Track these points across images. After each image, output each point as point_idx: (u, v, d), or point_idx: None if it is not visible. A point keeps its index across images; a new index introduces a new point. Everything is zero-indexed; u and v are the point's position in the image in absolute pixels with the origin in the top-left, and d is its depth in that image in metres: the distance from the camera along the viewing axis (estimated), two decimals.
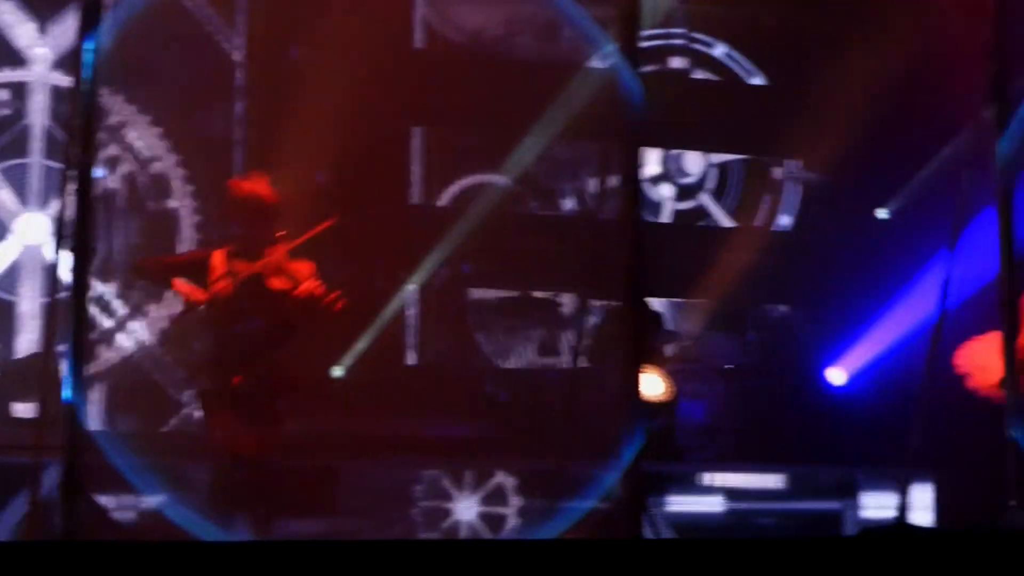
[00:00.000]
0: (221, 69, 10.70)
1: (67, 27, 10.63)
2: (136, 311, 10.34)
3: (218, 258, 7.48)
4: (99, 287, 10.15)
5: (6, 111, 10.73)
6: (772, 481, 9.53)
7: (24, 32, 10.77)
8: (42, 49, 10.79)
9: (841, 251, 12.46)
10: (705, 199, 12.76)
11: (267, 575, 4.46)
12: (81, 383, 6.21)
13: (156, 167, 10.60)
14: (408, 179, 11.35)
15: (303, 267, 7.44)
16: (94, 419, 9.79)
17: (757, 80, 12.89)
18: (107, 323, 10.28)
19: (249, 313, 7.37)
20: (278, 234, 7.49)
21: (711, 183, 12.83)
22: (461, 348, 11.35)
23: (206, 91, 10.63)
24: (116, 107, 10.42)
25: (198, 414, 8.66)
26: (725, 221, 12.74)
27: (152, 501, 7.63)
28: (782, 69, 12.77)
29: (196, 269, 7.53)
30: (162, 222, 10.56)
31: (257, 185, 7.52)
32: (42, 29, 10.81)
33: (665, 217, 12.59)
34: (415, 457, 9.02)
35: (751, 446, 10.48)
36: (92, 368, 9.85)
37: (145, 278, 8.70)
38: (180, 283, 7.46)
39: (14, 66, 10.75)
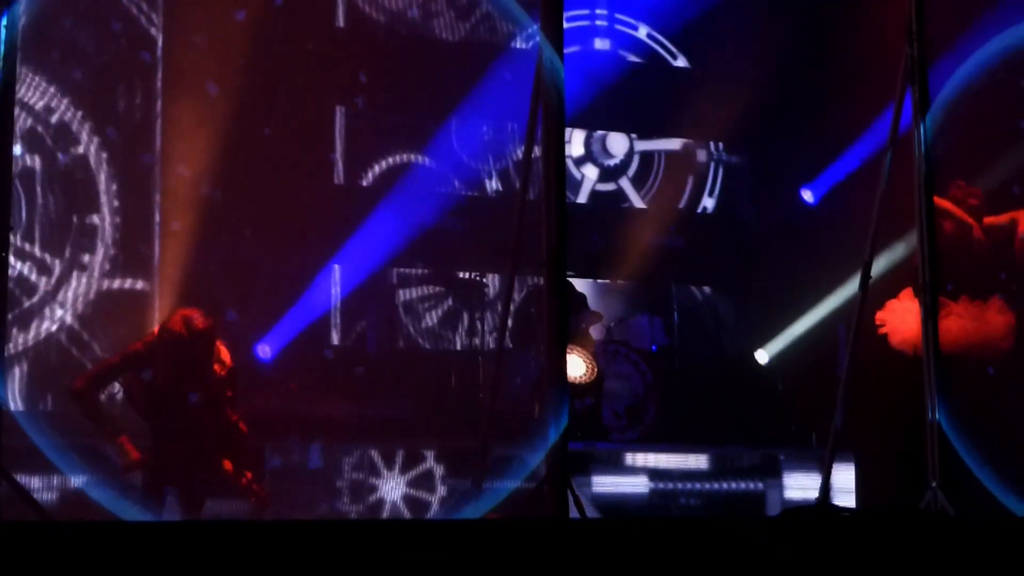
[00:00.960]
0: (140, 45, 10.58)
1: None
2: (56, 290, 10.24)
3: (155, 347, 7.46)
4: (18, 265, 10.05)
5: None
6: (696, 461, 9.60)
7: None
8: None
9: (764, 233, 12.56)
10: (625, 184, 12.81)
11: (191, 555, 4.45)
12: (2, 363, 6.15)
13: (74, 143, 10.49)
14: (331, 159, 11.31)
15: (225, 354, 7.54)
16: (14, 399, 9.71)
17: (680, 62, 12.95)
18: (28, 301, 10.18)
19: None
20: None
21: (632, 169, 12.88)
22: (385, 329, 11.33)
23: (125, 68, 10.51)
24: (33, 84, 10.30)
25: (120, 395, 8.57)
26: (642, 206, 12.81)
27: (74, 481, 7.57)
28: (704, 51, 12.84)
29: (134, 364, 7.48)
30: (82, 197, 10.44)
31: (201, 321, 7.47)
32: None
33: (583, 198, 12.63)
34: (340, 438, 9.00)
35: (675, 427, 10.54)
36: (12, 348, 9.76)
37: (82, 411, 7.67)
38: (125, 440, 7.34)
39: None
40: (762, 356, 11.46)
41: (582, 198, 12.63)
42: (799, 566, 4.91)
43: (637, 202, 12.82)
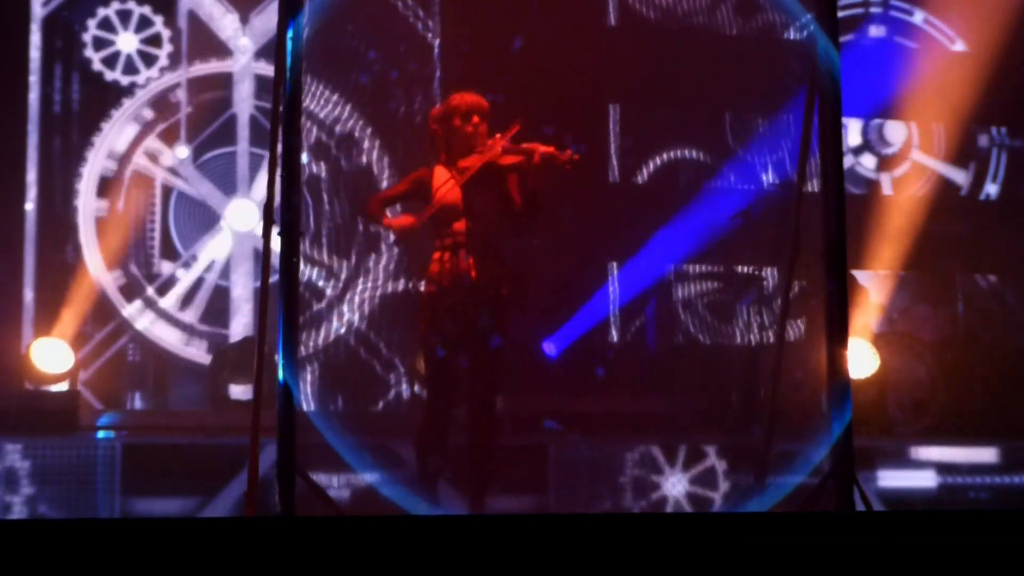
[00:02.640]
0: (418, 53, 10.80)
1: (268, 17, 10.88)
2: (345, 292, 10.52)
3: (438, 170, 7.34)
4: (307, 270, 10.34)
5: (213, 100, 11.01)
6: (985, 455, 9.34)
7: (227, 24, 11.02)
8: (245, 40, 11.04)
9: None
10: (885, 180, 12.58)
11: (477, 549, 4.52)
12: (294, 365, 6.33)
13: (358, 151, 10.76)
14: (606, 157, 11.35)
15: (529, 145, 7.27)
16: (307, 400, 10.00)
17: (958, 47, 12.64)
18: (317, 305, 10.47)
19: (481, 206, 7.27)
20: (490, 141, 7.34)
21: (902, 171, 12.64)
22: (664, 325, 11.32)
23: (404, 75, 10.74)
24: (317, 93, 10.60)
25: (407, 394, 8.74)
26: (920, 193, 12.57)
27: (366, 479, 7.74)
28: (983, 35, 12.52)
29: (416, 190, 7.39)
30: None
31: (468, 94, 7.42)
32: (244, 20, 11.05)
33: (861, 188, 12.43)
34: (622, 434, 9.03)
35: (962, 419, 10.29)
36: (304, 350, 10.05)
37: (367, 221, 8.66)
38: (389, 220, 7.34)
39: (219, 57, 11.01)
40: None
41: (860, 188, 12.42)
42: None
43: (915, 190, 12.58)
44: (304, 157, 10.10)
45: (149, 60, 10.92)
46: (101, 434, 8.94)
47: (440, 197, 7.20)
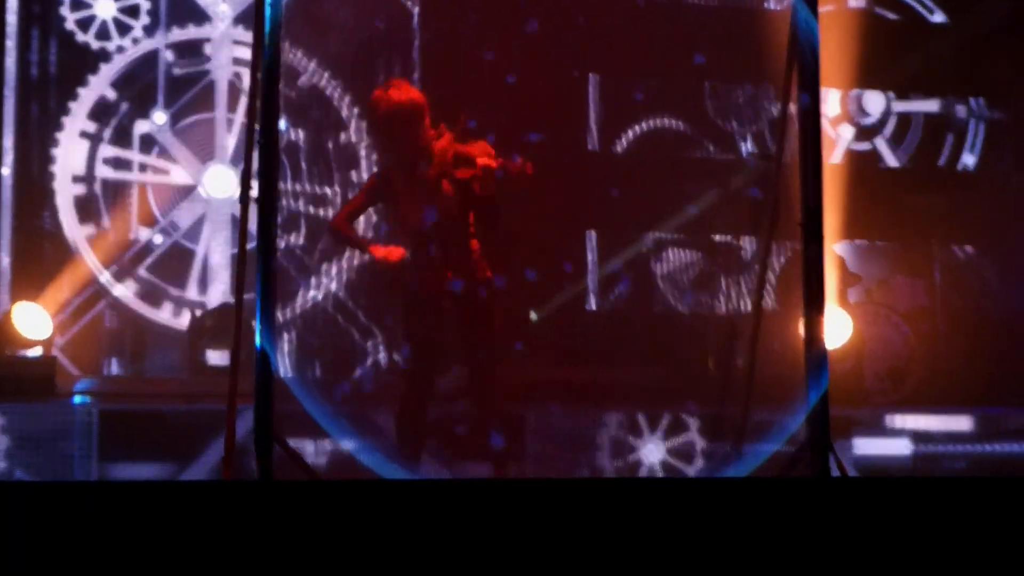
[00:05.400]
0: (398, 20, 10.78)
1: None
2: (322, 259, 10.51)
3: (394, 174, 7.40)
4: (285, 237, 10.32)
5: (190, 68, 10.96)
6: (959, 424, 9.38)
7: None
8: (224, 6, 10.99)
9: None
10: (880, 143, 12.57)
11: (454, 513, 4.53)
12: (271, 331, 6.33)
13: (336, 117, 10.74)
14: (585, 126, 11.35)
15: (477, 147, 7.30)
16: (285, 366, 10.00)
17: (937, 17, 12.65)
18: (294, 272, 10.47)
19: (442, 204, 7.30)
20: (434, 132, 7.38)
21: (889, 129, 12.63)
22: (642, 294, 11.34)
23: (383, 42, 10.72)
24: (296, 61, 10.57)
25: (384, 361, 8.74)
26: (898, 164, 12.57)
27: (343, 446, 7.76)
28: (962, 6, 12.54)
29: (376, 198, 7.52)
30: (344, 171, 10.70)
31: (403, 91, 7.41)
32: None
33: (838, 159, 12.45)
34: (598, 403, 9.05)
35: (937, 389, 10.34)
36: (281, 316, 10.05)
37: (339, 241, 8.37)
38: (375, 248, 7.43)
39: (198, 23, 10.97)
40: None
41: (836, 159, 12.44)
42: None
43: (892, 162, 12.58)
44: (282, 124, 10.08)
45: (124, 28, 10.88)
46: (78, 399, 8.93)
47: (404, 212, 7.33)
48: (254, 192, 6.42)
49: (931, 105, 12.71)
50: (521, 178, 7.15)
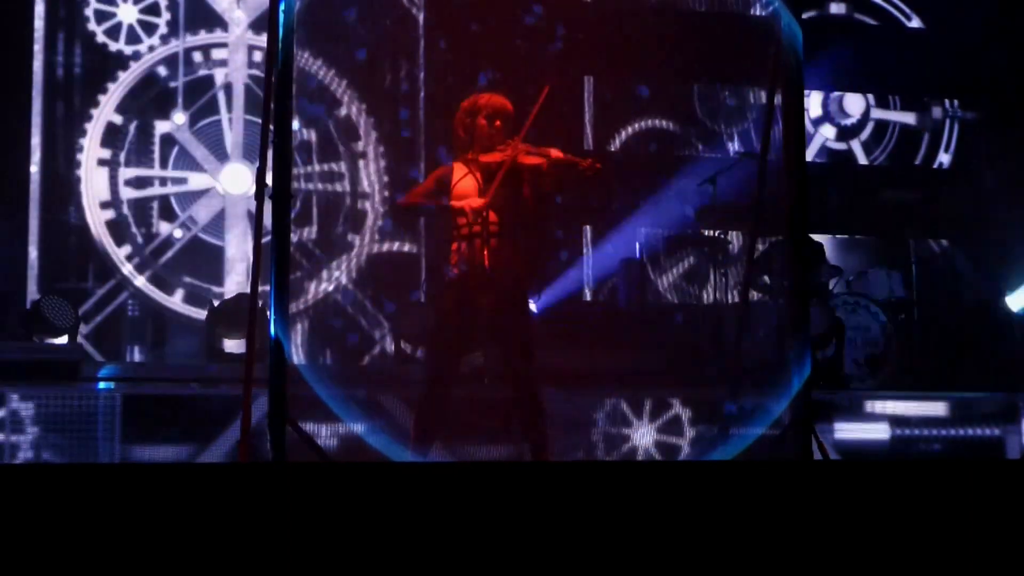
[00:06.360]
0: (404, 26, 10.78)
1: None
2: (333, 253, 10.53)
3: (457, 165, 7.19)
4: (298, 232, 10.33)
5: (209, 71, 10.98)
6: (935, 409, 9.39)
7: None
8: (239, 12, 10.99)
9: (1000, 187, 12.26)
10: (856, 146, 12.61)
11: (459, 494, 4.53)
12: (285, 320, 6.34)
13: (346, 119, 10.75)
14: (581, 125, 11.36)
15: (549, 149, 7.12)
16: (297, 353, 10.01)
17: (914, 23, 12.67)
18: (307, 264, 10.48)
19: (498, 199, 7.04)
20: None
21: (866, 133, 12.67)
22: (634, 286, 11.34)
23: (391, 47, 10.72)
24: (308, 63, 10.58)
25: (391, 349, 8.73)
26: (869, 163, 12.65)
27: (353, 428, 7.74)
28: (938, 12, 12.56)
29: (440, 186, 7.22)
30: (354, 170, 10.71)
31: (493, 95, 7.25)
32: None
33: (817, 155, 12.49)
34: (593, 387, 9.04)
35: (914, 376, 10.35)
36: (294, 307, 10.05)
37: (410, 214, 7.94)
38: (455, 201, 7.09)
39: (215, 29, 10.98)
40: (1014, 302, 11.21)
41: (816, 155, 12.48)
42: None
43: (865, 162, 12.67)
44: (295, 124, 10.08)
45: (148, 29, 10.88)
46: (102, 385, 8.93)
47: (460, 192, 7.11)
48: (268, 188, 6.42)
49: (908, 117, 12.76)
50: (590, 171, 7.02)
